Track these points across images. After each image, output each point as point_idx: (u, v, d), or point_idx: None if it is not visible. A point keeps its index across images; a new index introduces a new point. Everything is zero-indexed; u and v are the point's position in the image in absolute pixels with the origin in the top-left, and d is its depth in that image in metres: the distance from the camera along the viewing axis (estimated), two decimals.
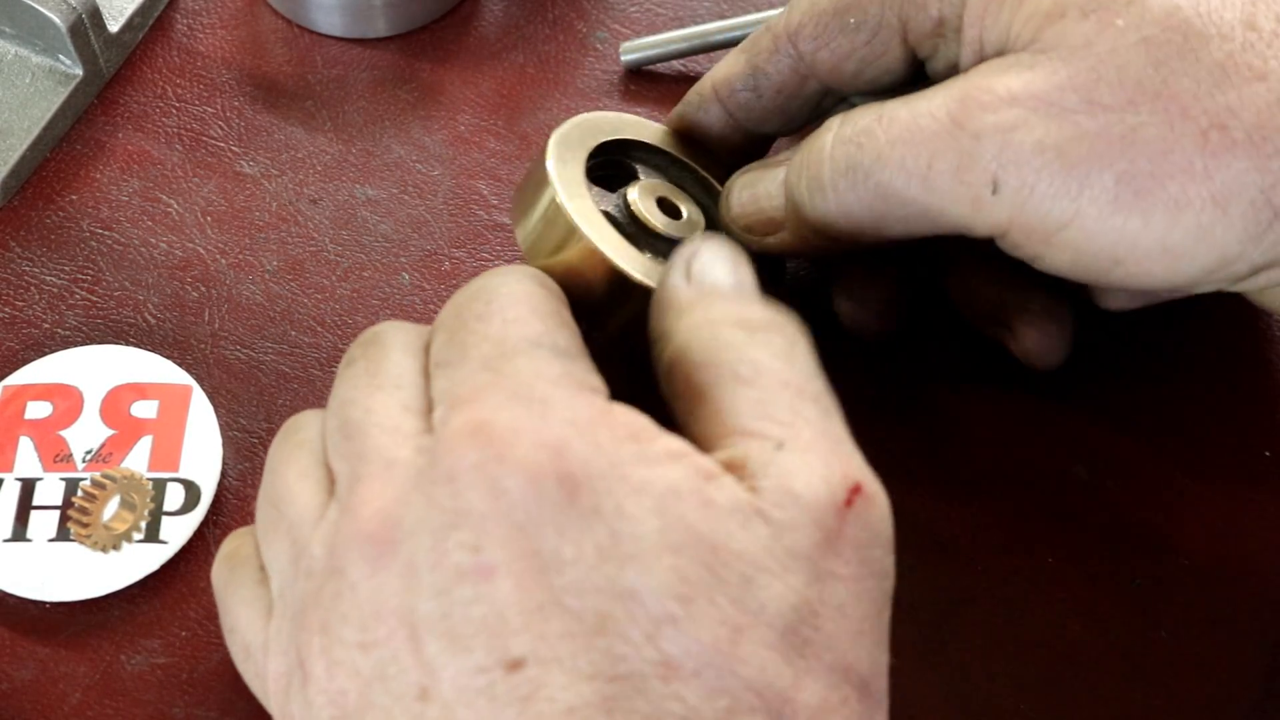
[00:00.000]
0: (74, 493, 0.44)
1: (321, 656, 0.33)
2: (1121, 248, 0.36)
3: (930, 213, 0.38)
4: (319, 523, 0.34)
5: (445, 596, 0.31)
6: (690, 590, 0.30)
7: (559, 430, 0.32)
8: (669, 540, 0.31)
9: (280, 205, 0.50)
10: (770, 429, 0.33)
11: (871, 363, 0.47)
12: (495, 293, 0.36)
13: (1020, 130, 0.36)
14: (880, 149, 0.38)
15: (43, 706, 0.41)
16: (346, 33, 0.53)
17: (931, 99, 0.38)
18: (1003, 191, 0.37)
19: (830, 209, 0.39)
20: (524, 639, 0.30)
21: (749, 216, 0.42)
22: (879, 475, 0.35)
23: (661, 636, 0.30)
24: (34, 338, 0.47)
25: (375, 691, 0.32)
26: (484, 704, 0.30)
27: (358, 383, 0.36)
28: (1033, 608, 0.43)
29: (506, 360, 0.34)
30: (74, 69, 0.51)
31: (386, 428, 0.34)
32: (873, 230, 0.39)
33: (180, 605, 0.43)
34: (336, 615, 0.32)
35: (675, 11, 0.54)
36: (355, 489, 0.33)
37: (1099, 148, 0.36)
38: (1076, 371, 0.46)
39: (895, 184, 0.38)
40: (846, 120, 0.39)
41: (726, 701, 0.30)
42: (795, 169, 0.40)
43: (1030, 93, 0.36)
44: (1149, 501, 0.45)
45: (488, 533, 0.31)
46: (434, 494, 0.32)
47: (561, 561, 0.31)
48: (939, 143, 0.37)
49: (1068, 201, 0.36)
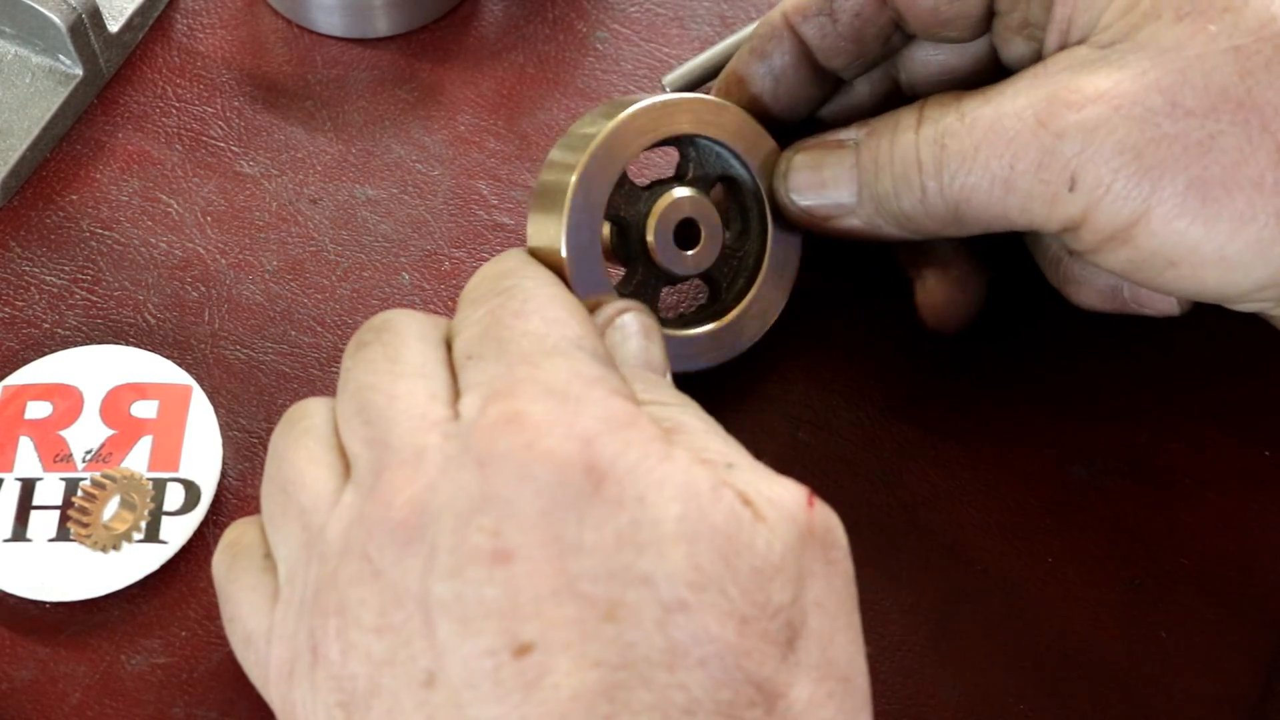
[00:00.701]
0: (74, 493, 0.44)
1: (337, 639, 0.33)
2: (1180, 252, 0.37)
3: (1010, 212, 0.39)
4: (334, 507, 0.34)
5: (458, 578, 0.31)
6: (703, 579, 0.31)
7: (590, 425, 0.32)
8: (686, 529, 0.31)
9: (280, 205, 0.50)
10: (713, 457, 0.34)
11: (872, 363, 0.47)
12: (530, 293, 0.36)
13: (1102, 129, 0.37)
14: (966, 151, 0.39)
15: (43, 706, 0.41)
16: (346, 33, 0.53)
17: (1015, 98, 0.38)
18: (1079, 189, 0.37)
19: (916, 208, 0.40)
20: (535, 624, 0.31)
21: (813, 199, 0.42)
22: (879, 477, 0.35)
23: (671, 623, 0.30)
24: (34, 338, 0.47)
25: (384, 675, 0.32)
26: (489, 688, 0.30)
27: (377, 368, 0.36)
28: (1033, 608, 0.43)
29: (546, 357, 0.34)
30: (74, 69, 0.51)
31: (414, 414, 0.34)
32: (954, 227, 0.40)
33: (180, 605, 0.43)
34: (354, 599, 0.33)
35: (675, 12, 0.54)
36: (383, 476, 0.33)
37: (1175, 151, 0.36)
38: (1076, 371, 0.47)
39: (981, 186, 0.39)
40: (926, 118, 0.40)
41: (729, 694, 0.30)
42: (876, 164, 0.41)
43: (1117, 92, 0.37)
44: (1149, 501, 0.45)
45: (510, 518, 0.31)
46: (462, 479, 0.32)
47: (580, 548, 0.31)
48: (1022, 142, 0.38)
49: (1139, 201, 0.37)
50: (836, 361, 0.47)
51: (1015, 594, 0.43)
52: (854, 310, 0.48)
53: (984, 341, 0.46)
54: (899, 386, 0.46)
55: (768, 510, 0.32)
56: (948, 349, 0.47)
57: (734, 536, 0.32)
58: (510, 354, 0.35)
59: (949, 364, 0.47)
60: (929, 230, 0.41)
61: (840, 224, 0.42)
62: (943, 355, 0.47)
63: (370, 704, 0.32)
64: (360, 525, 0.33)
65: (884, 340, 0.47)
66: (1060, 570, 0.43)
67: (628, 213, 0.42)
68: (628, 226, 0.42)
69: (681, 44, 0.53)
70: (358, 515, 0.33)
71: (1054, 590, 0.43)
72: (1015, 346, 0.47)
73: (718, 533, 0.31)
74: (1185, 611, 0.43)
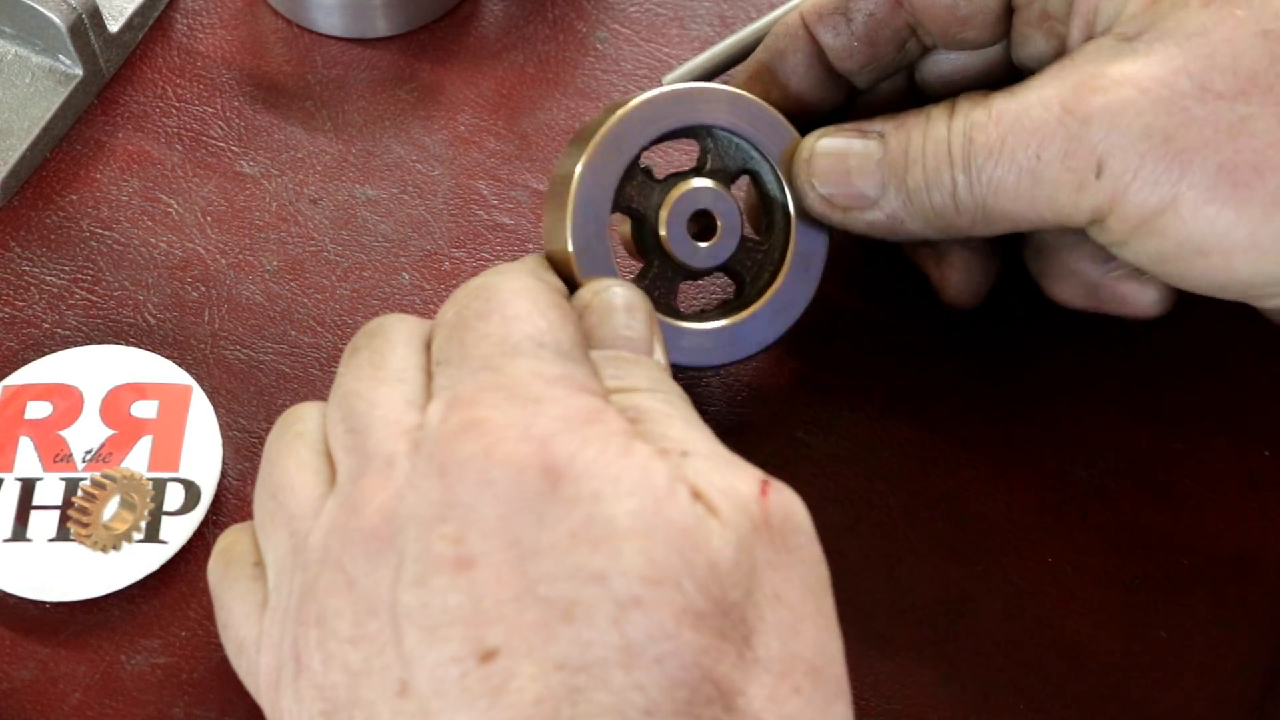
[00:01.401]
0: (74, 493, 0.44)
1: (318, 649, 0.33)
2: (1211, 239, 0.36)
3: (1037, 204, 0.38)
4: (318, 515, 0.35)
5: (423, 587, 0.31)
6: (659, 574, 0.31)
7: (548, 425, 0.32)
8: (640, 524, 0.31)
9: (280, 205, 0.50)
10: (669, 446, 0.33)
11: (871, 364, 0.47)
12: (495, 290, 0.36)
13: (1129, 112, 0.36)
14: (992, 144, 0.38)
15: (43, 706, 0.41)
16: (346, 33, 0.53)
17: (1042, 89, 0.38)
18: (1105, 175, 0.37)
19: (947, 203, 0.40)
20: (498, 630, 0.31)
21: (835, 188, 0.41)
22: (879, 476, 0.35)
23: (626, 621, 0.30)
24: (34, 338, 0.47)
25: (361, 686, 0.32)
26: (456, 695, 0.30)
27: (361, 374, 0.36)
28: (1033, 608, 0.43)
29: (507, 360, 0.34)
30: (74, 69, 0.50)
31: (389, 421, 0.34)
32: (982, 225, 0.40)
33: (180, 605, 0.43)
34: (332, 609, 0.33)
35: (675, 12, 0.54)
36: (358, 484, 0.34)
37: (1205, 134, 0.36)
38: (1077, 372, 0.47)
39: (1008, 179, 0.38)
40: (958, 112, 0.39)
41: (685, 693, 0.30)
42: (906, 156, 0.40)
43: (1144, 76, 0.36)
44: (1149, 501, 0.45)
45: (471, 524, 0.31)
46: (425, 488, 0.32)
47: (539, 549, 0.31)
48: (1048, 131, 0.37)
49: (1167, 187, 0.36)
50: (837, 361, 0.47)
51: (1015, 594, 0.43)
52: (854, 310, 0.48)
53: (984, 342, 0.46)
54: (899, 386, 0.46)
55: (720, 503, 0.32)
56: (948, 349, 0.47)
57: (690, 530, 0.31)
58: (472, 358, 0.34)
59: (949, 364, 0.47)
60: (957, 227, 0.40)
61: (861, 216, 0.41)
62: (943, 355, 0.47)
63: (352, 714, 0.32)
64: (336, 534, 0.33)
65: (884, 340, 0.47)
66: (1060, 570, 0.43)
67: (642, 205, 0.42)
68: (642, 219, 0.42)
69: (681, 44, 0.53)
70: (335, 524, 0.34)
71: (1054, 590, 0.43)
72: (1015, 347, 0.47)
73: (673, 527, 0.31)
74: (1185, 612, 0.43)
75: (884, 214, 0.41)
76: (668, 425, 0.34)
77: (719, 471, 0.33)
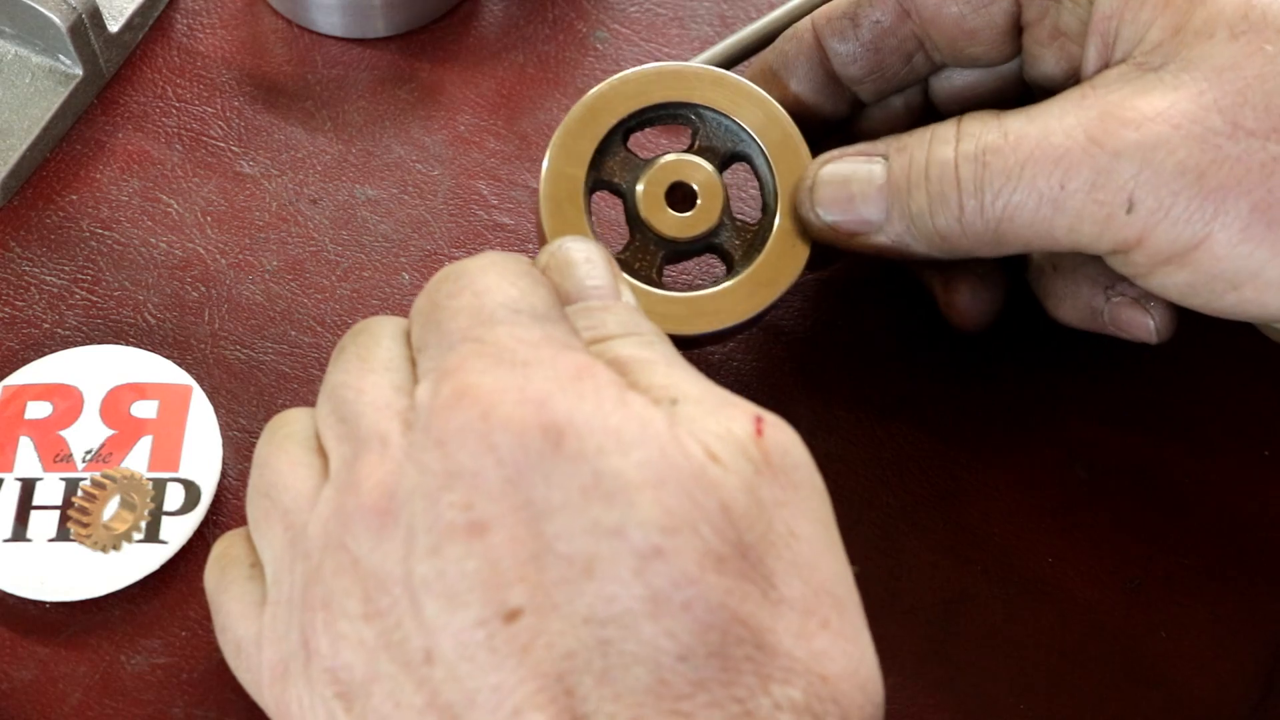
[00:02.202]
0: (74, 493, 0.44)
1: (326, 632, 0.33)
2: (1243, 275, 0.36)
3: (1055, 232, 0.38)
4: (314, 506, 0.35)
5: (438, 556, 0.31)
6: (675, 521, 0.31)
7: (541, 385, 0.32)
8: (651, 474, 0.31)
9: (280, 205, 0.50)
10: (657, 395, 0.33)
11: (872, 364, 0.47)
12: (462, 270, 0.36)
13: (1162, 150, 0.36)
14: (1010, 169, 0.38)
15: (43, 706, 0.41)
16: (346, 33, 0.53)
17: (1063, 116, 0.38)
18: (1138, 211, 0.36)
19: (952, 226, 0.39)
20: (520, 589, 0.31)
21: (839, 214, 0.41)
22: (879, 477, 0.35)
23: (649, 571, 0.30)
24: (34, 338, 0.47)
25: (380, 661, 0.32)
26: (484, 656, 0.31)
27: (349, 368, 0.36)
28: (1033, 608, 0.43)
29: (486, 328, 0.34)
30: (74, 69, 0.50)
31: (379, 405, 0.35)
32: (991, 247, 0.39)
33: (180, 605, 0.43)
34: (339, 590, 0.33)
35: (675, 12, 0.54)
36: (354, 466, 0.34)
37: (1238, 173, 0.36)
38: (1077, 371, 0.47)
39: (1027, 205, 0.38)
40: (965, 134, 0.39)
41: (717, 636, 0.30)
42: (909, 180, 0.40)
43: (1175, 112, 0.36)
44: (1149, 501, 0.45)
45: (478, 490, 0.32)
46: (425, 460, 0.32)
47: (551, 508, 0.31)
48: (1073, 161, 0.37)
49: (1200, 225, 0.36)
50: (836, 362, 0.47)
51: (1015, 594, 0.43)
52: (854, 310, 0.48)
53: (984, 342, 0.46)
54: (899, 387, 0.46)
55: (718, 447, 0.32)
56: (948, 350, 0.47)
57: (699, 474, 0.31)
58: (450, 335, 0.35)
59: (950, 365, 0.47)
60: (963, 249, 0.40)
61: (868, 240, 0.41)
62: (943, 356, 0.47)
63: (370, 690, 0.32)
64: (336, 517, 0.33)
65: (884, 340, 0.47)
66: (1060, 570, 0.43)
67: (624, 180, 0.42)
68: (625, 194, 0.42)
69: (681, 44, 0.53)
70: (334, 508, 0.34)
71: (1054, 590, 0.43)
72: (1016, 347, 0.47)
73: (682, 473, 0.31)
74: (1185, 611, 0.43)
75: (889, 238, 0.41)
76: (651, 372, 0.34)
77: (712, 415, 0.33)
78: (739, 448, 0.32)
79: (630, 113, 0.42)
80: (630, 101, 0.42)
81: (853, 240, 0.42)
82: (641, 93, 0.42)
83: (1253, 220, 0.36)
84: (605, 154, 0.42)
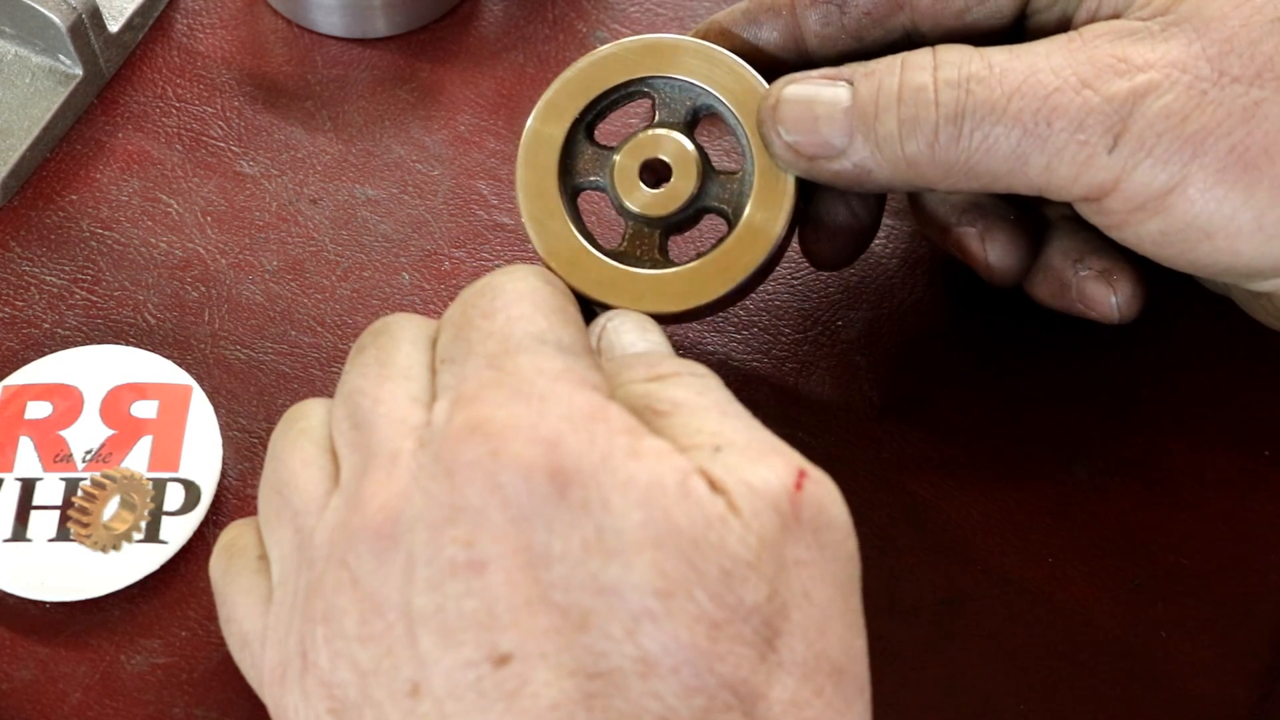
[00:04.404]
0: (74, 493, 0.44)
1: (325, 646, 0.33)
2: (1216, 221, 0.36)
3: (1029, 169, 0.37)
4: (323, 511, 0.35)
5: (438, 591, 0.31)
6: (670, 586, 0.31)
7: (555, 425, 0.32)
8: (650, 535, 0.31)
9: (280, 205, 0.50)
10: (702, 440, 0.33)
11: (871, 364, 0.47)
12: (500, 290, 0.36)
13: (1151, 95, 0.36)
14: (995, 100, 0.37)
15: (43, 706, 0.41)
16: (346, 33, 0.53)
17: (1049, 56, 0.37)
18: (1118, 152, 0.36)
19: (923, 153, 0.38)
20: (512, 634, 0.31)
21: (802, 136, 0.40)
22: (879, 477, 0.35)
23: (641, 633, 0.30)
24: (34, 338, 0.47)
25: (371, 686, 0.32)
26: (472, 699, 0.30)
27: (367, 372, 0.36)
28: (1033, 608, 0.43)
29: (510, 357, 0.34)
30: (74, 69, 0.50)
31: (393, 419, 0.34)
32: (958, 179, 0.38)
33: (180, 605, 0.43)
34: (338, 607, 0.33)
35: (675, 11, 0.54)
36: (362, 481, 0.34)
37: (1219, 116, 0.36)
38: (1077, 371, 0.47)
39: (1008, 138, 0.37)
40: (944, 62, 0.38)
41: (703, 700, 0.30)
42: (878, 105, 0.39)
43: (1165, 61, 0.36)
44: (1149, 501, 0.45)
45: (481, 528, 0.31)
46: (432, 489, 0.32)
47: (550, 557, 0.31)
48: (1061, 99, 0.37)
49: (1178, 167, 0.36)
50: (837, 362, 0.47)
51: (1015, 594, 0.43)
52: (854, 310, 0.48)
53: (984, 342, 0.46)
54: (899, 386, 0.46)
55: (744, 501, 0.32)
56: (948, 350, 0.47)
57: (701, 538, 0.31)
58: (476, 356, 0.35)
59: (949, 364, 0.47)
60: (926, 180, 0.39)
61: (827, 166, 0.40)
62: (943, 356, 0.47)
63: (362, 712, 0.32)
64: (341, 531, 0.33)
65: (884, 340, 0.47)
66: (1060, 570, 0.43)
67: (600, 175, 0.42)
68: (605, 187, 0.42)
69: None
70: (340, 521, 0.34)
71: (1054, 590, 0.43)
72: (1015, 347, 0.47)
73: (683, 536, 0.31)
74: (1185, 611, 0.43)
75: (851, 163, 0.39)
76: (703, 417, 0.34)
77: (752, 464, 0.33)
78: (770, 500, 0.32)
79: (581, 110, 0.42)
80: (578, 99, 0.42)
81: (813, 164, 0.40)
82: (587, 87, 0.42)
83: (1229, 163, 0.36)
84: (573, 157, 0.42)
